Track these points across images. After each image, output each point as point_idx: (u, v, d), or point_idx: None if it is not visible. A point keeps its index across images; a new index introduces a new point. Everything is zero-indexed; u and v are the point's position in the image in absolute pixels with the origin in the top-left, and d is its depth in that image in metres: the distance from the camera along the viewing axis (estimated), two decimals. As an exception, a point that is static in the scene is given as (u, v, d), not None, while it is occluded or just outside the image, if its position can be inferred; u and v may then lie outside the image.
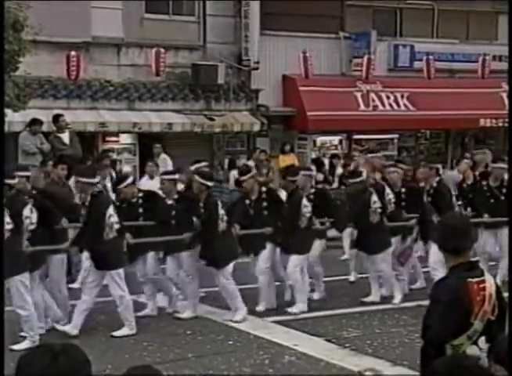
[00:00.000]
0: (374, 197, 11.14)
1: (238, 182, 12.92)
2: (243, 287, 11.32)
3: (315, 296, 11.46)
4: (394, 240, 11.51)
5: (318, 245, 11.38)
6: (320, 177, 16.39)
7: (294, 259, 10.65)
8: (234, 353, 9.04)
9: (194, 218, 10.28)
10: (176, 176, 11.04)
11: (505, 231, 11.34)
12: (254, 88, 20.48)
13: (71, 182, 11.68)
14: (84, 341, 9.05)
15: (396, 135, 22.60)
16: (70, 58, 17.59)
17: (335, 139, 21.84)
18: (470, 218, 8.24)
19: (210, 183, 10.39)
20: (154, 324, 10.28)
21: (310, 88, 20.52)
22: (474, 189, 12.54)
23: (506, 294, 5.04)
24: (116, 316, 9.95)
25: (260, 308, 10.82)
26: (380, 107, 21.62)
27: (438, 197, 11.35)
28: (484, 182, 12.37)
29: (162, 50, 18.78)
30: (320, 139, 21.54)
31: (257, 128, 19.91)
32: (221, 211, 10.25)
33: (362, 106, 21.39)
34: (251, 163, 17.70)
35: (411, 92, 21.96)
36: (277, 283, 11.24)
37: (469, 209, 12.15)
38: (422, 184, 11.76)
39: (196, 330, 9.94)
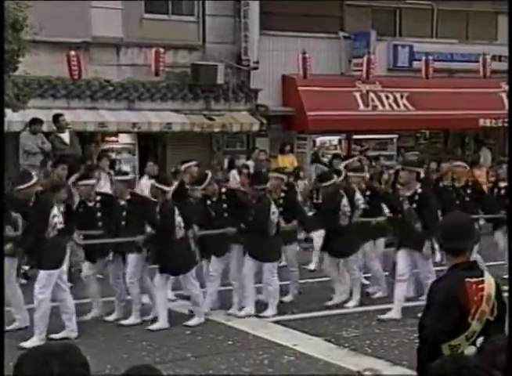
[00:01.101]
0: (344, 201, 11.07)
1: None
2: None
3: (286, 299, 11.41)
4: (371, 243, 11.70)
5: (292, 249, 11.53)
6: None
7: (270, 267, 10.64)
8: (233, 353, 9.05)
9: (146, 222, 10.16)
10: (128, 177, 11.14)
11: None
12: (253, 88, 20.47)
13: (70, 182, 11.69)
14: (83, 341, 9.07)
15: (395, 135, 22.59)
16: (69, 58, 17.58)
17: (334, 139, 21.84)
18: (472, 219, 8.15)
19: (166, 188, 10.10)
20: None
21: (309, 88, 20.52)
22: (436, 190, 12.14)
23: (506, 294, 5.05)
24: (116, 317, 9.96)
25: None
26: (380, 107, 21.62)
27: (423, 203, 10.56)
28: (446, 183, 12.20)
29: (161, 50, 18.79)
30: (320, 139, 21.54)
31: (256, 128, 19.90)
32: (179, 219, 9.99)
33: (362, 106, 21.39)
34: (251, 163, 17.75)
35: (410, 92, 21.95)
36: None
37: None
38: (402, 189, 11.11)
39: (195, 331, 9.95)
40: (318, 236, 12.46)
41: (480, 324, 4.56)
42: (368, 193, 11.81)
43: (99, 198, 10.74)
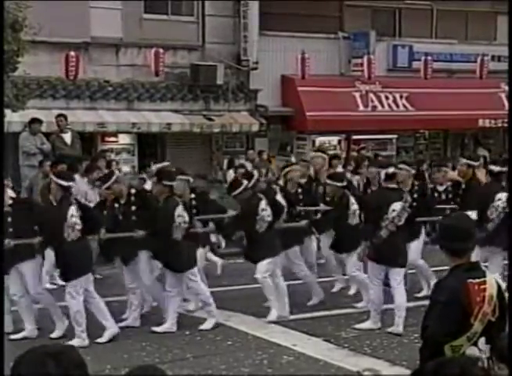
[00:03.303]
0: (263, 204, 10.35)
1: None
2: (243, 287, 11.38)
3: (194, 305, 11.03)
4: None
5: (201, 253, 10.89)
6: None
7: (189, 276, 10.00)
8: (233, 353, 9.04)
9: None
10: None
11: (414, 243, 10.98)
12: (252, 89, 20.48)
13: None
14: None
15: (395, 136, 22.60)
16: (69, 58, 17.57)
17: (334, 140, 21.84)
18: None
19: (65, 183, 9.49)
20: (152, 324, 10.27)
21: (309, 88, 20.52)
22: None
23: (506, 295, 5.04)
24: (115, 317, 9.94)
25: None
26: (379, 107, 21.63)
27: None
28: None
29: (161, 50, 18.79)
30: (319, 140, 21.54)
31: (255, 128, 19.91)
32: (73, 220, 9.22)
33: (361, 107, 21.40)
34: (248, 163, 17.73)
35: (410, 92, 21.96)
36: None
37: None
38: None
39: (194, 331, 9.93)
40: None
41: (481, 325, 4.56)
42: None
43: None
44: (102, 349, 9.17)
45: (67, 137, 15.15)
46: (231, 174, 17.17)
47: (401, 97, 21.93)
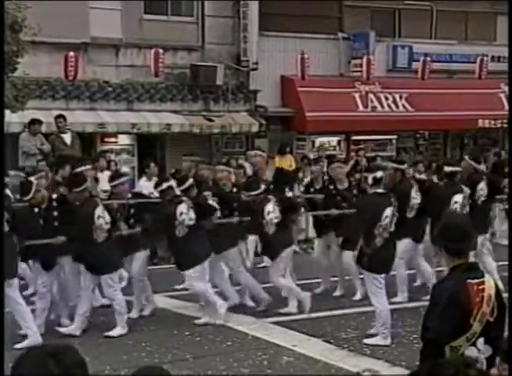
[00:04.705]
0: (182, 208, 10.03)
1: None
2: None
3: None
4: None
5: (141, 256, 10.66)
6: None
7: (106, 280, 9.79)
8: (232, 354, 9.04)
9: None
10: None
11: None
12: (252, 89, 20.47)
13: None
14: (82, 342, 9.06)
15: (395, 136, 22.59)
16: (68, 59, 17.54)
17: (333, 140, 21.84)
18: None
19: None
20: (152, 325, 10.28)
21: (308, 88, 20.52)
22: (322, 193, 11.86)
23: (505, 295, 5.05)
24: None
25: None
26: (379, 108, 21.62)
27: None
28: (331, 186, 11.81)
29: (161, 51, 18.77)
30: (319, 140, 21.54)
31: (255, 128, 19.90)
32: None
33: (361, 107, 21.39)
34: (247, 164, 17.68)
35: (409, 92, 21.95)
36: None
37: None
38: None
39: (194, 331, 9.94)
40: None
41: (480, 325, 4.57)
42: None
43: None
44: (102, 350, 9.17)
45: (67, 138, 15.15)
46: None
47: (400, 98, 21.93)
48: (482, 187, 11.51)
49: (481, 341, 4.56)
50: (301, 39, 20.72)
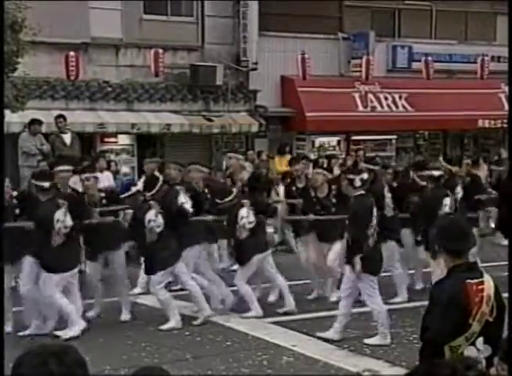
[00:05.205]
0: (151, 214, 9.98)
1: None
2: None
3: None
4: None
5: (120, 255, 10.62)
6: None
7: (52, 279, 9.53)
8: (232, 354, 9.04)
9: None
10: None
11: (337, 245, 10.93)
12: (252, 89, 20.48)
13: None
14: (82, 342, 9.06)
15: (394, 136, 22.60)
16: (68, 59, 17.56)
17: (333, 140, 21.84)
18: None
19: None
20: (152, 325, 10.28)
21: (308, 88, 20.52)
22: (303, 195, 11.75)
23: (505, 295, 5.05)
24: (114, 318, 9.96)
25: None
26: (379, 108, 21.63)
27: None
28: (312, 193, 11.54)
29: (160, 51, 18.77)
30: (319, 140, 21.54)
31: (255, 128, 19.91)
32: None
33: (361, 107, 21.40)
34: (248, 164, 17.70)
35: (409, 92, 21.96)
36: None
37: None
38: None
39: (194, 331, 9.94)
40: None
41: (479, 325, 4.58)
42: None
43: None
44: (102, 350, 9.17)
45: (67, 138, 15.16)
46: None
47: (400, 98, 21.93)
48: (459, 190, 11.90)
49: (480, 340, 4.56)
50: (301, 39, 20.73)
